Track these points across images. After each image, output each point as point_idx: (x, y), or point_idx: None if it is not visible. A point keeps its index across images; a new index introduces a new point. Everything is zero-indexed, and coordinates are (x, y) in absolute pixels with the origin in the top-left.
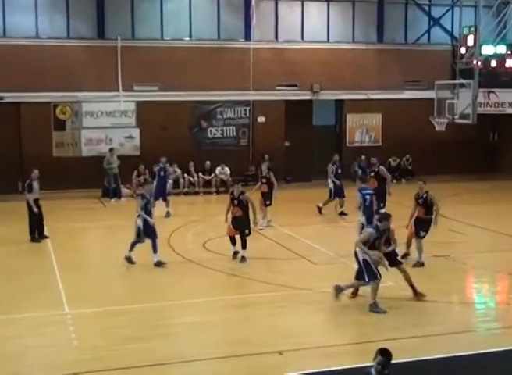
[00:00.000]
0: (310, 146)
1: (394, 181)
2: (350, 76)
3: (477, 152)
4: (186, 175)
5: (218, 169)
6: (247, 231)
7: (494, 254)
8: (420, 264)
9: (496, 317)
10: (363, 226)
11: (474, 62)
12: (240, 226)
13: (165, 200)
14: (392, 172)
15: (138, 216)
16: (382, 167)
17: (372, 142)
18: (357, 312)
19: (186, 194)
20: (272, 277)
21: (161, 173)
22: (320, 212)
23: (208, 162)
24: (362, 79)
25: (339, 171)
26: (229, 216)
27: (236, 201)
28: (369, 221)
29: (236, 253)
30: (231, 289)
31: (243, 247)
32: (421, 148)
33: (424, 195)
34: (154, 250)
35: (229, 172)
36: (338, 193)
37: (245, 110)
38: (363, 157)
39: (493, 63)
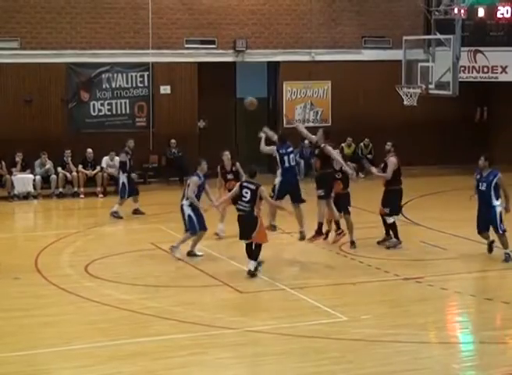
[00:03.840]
0: (233, 127)
1: None
2: (287, 30)
3: (460, 135)
4: (60, 169)
5: (105, 161)
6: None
7: (484, 275)
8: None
9: (487, 362)
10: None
11: (456, 10)
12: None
13: None
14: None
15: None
16: (392, 158)
17: (319, 121)
18: (298, 360)
19: (60, 196)
20: (182, 313)
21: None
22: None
23: (89, 150)
24: (305, 33)
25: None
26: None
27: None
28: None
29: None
30: (125, 330)
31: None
32: (385, 130)
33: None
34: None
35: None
36: None
37: (142, 76)
38: (306, 142)
39: (481, 12)
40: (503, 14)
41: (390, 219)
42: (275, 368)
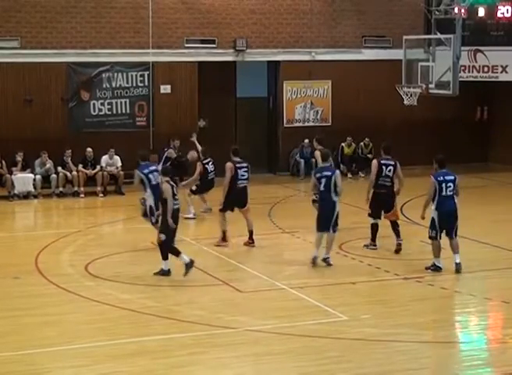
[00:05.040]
0: (233, 127)
1: (349, 175)
2: (288, 30)
3: (460, 135)
4: (60, 168)
5: (104, 160)
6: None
7: (484, 274)
8: None
9: (488, 361)
10: None
11: (456, 10)
12: None
13: None
14: (346, 162)
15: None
16: (374, 161)
17: (319, 121)
18: (298, 359)
19: (60, 195)
20: (181, 312)
21: None
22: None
23: (89, 150)
24: (305, 33)
25: None
26: None
27: None
28: None
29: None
30: (124, 329)
31: None
32: (385, 129)
33: None
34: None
35: (120, 163)
36: None
37: (142, 76)
38: (306, 141)
39: (481, 12)
40: (503, 13)
41: (371, 220)
42: (275, 367)
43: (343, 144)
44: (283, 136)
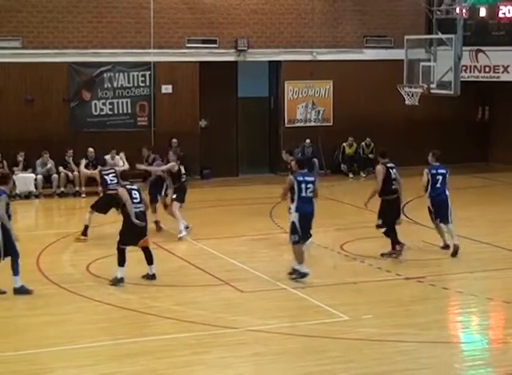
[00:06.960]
0: (234, 127)
1: (351, 175)
2: (289, 29)
3: (461, 135)
4: (61, 168)
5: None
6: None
7: (486, 274)
8: None
9: (489, 361)
10: None
11: (458, 10)
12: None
13: None
14: (347, 162)
15: None
16: (379, 167)
17: (320, 121)
18: (299, 359)
19: (61, 195)
20: (183, 312)
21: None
22: None
23: (90, 150)
24: (306, 33)
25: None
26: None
27: None
28: None
29: None
30: (126, 329)
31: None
32: (387, 129)
33: None
34: (16, 272)
35: (121, 163)
36: None
37: (144, 76)
38: (307, 141)
39: (482, 12)
40: (504, 13)
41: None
42: (276, 367)
43: (344, 144)
44: (284, 136)
